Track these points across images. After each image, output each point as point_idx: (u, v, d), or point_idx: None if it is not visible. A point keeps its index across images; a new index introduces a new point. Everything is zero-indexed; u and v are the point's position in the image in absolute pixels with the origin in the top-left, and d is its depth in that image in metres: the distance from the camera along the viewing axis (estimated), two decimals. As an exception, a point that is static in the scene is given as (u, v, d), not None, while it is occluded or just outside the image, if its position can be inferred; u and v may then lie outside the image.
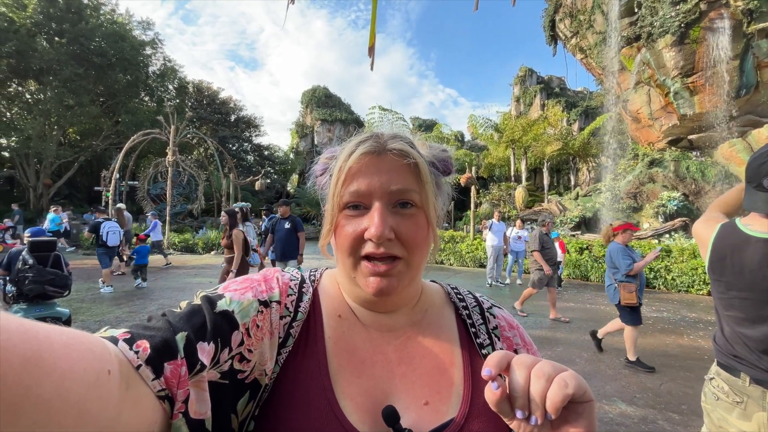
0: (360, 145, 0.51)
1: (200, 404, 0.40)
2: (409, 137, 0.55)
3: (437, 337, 0.57)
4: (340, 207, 0.51)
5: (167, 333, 0.40)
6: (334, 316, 0.55)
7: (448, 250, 12.45)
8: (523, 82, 31.68)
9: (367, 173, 0.50)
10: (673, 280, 8.94)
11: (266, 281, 0.54)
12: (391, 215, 0.50)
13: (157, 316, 0.44)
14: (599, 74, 18.54)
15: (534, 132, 20.89)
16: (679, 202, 13.60)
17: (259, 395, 0.47)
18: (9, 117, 21.47)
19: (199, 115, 30.71)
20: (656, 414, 3.20)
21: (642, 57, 14.57)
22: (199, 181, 16.86)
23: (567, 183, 25.98)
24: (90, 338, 0.32)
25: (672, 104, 14.28)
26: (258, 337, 0.48)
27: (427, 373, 0.53)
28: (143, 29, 25.96)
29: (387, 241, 0.49)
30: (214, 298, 0.48)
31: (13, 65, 19.62)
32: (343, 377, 0.50)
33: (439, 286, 0.66)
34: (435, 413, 0.49)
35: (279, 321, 0.51)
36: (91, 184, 23.14)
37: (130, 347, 0.36)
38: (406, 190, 0.50)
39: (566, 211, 17.33)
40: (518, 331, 0.62)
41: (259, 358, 0.47)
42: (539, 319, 6.17)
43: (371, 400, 0.49)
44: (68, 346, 0.28)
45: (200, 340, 0.42)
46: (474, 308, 0.62)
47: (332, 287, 0.59)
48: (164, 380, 0.37)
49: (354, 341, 0.54)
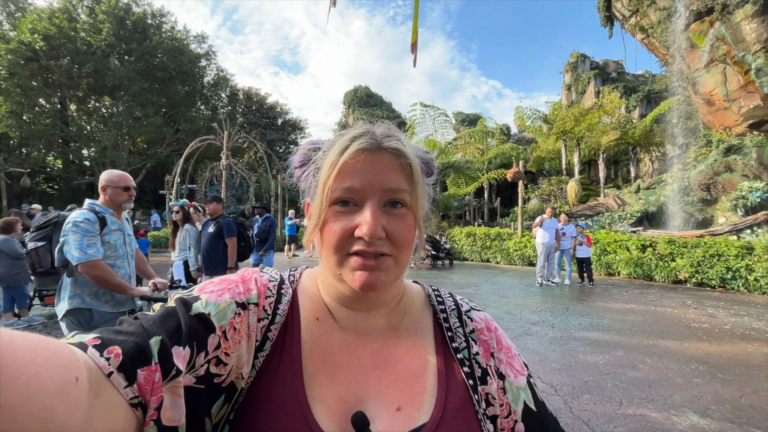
0: (355, 140, 0.50)
1: (174, 410, 0.39)
2: (401, 135, 0.54)
3: (414, 341, 0.56)
4: (330, 202, 0.49)
5: (140, 338, 0.39)
6: (312, 318, 0.55)
7: (495, 247, 12.06)
8: (575, 69, 29.78)
9: (361, 170, 0.49)
10: (756, 281, 7.95)
11: (244, 282, 0.53)
12: (383, 214, 0.49)
13: (129, 319, 0.43)
14: (663, 55, 16.92)
15: (588, 121, 19.52)
16: (763, 193, 12.07)
17: (234, 398, 0.46)
18: (89, 130, 24.21)
19: (249, 120, 32.54)
20: (736, 429, 2.86)
21: (716, 32, 13.05)
22: (249, 183, 17.84)
23: (626, 175, 24.07)
24: (56, 344, 0.31)
25: (753, 83, 12.66)
26: (235, 340, 0.47)
27: (401, 378, 0.52)
28: (198, 43, 28.03)
29: (378, 239, 0.48)
30: (190, 300, 0.47)
31: (92, 84, 22.10)
32: (318, 381, 0.49)
33: (420, 287, 0.65)
34: (407, 419, 0.49)
35: (257, 324, 0.50)
36: (156, 188, 25.42)
37: (101, 354, 0.36)
38: (399, 190, 0.50)
39: (626, 206, 16.05)
40: (495, 334, 0.60)
41: (236, 362, 0.47)
42: (595, 320, 5.78)
43: (344, 405, 0.48)
44: (33, 352, 0.27)
45: (175, 345, 0.41)
46: (452, 311, 0.61)
47: (311, 288, 0.58)
48: (137, 387, 0.36)
49: (330, 345, 0.53)
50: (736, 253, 8.17)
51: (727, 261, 8.23)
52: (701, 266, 8.52)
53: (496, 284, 8.69)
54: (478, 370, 0.55)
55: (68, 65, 20.86)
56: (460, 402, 0.51)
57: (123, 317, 0.44)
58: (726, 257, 8.27)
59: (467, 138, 23.89)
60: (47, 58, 20.67)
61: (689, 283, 8.68)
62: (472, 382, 0.53)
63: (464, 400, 0.51)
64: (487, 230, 12.64)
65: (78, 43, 21.58)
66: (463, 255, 12.68)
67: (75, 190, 26.36)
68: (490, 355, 0.57)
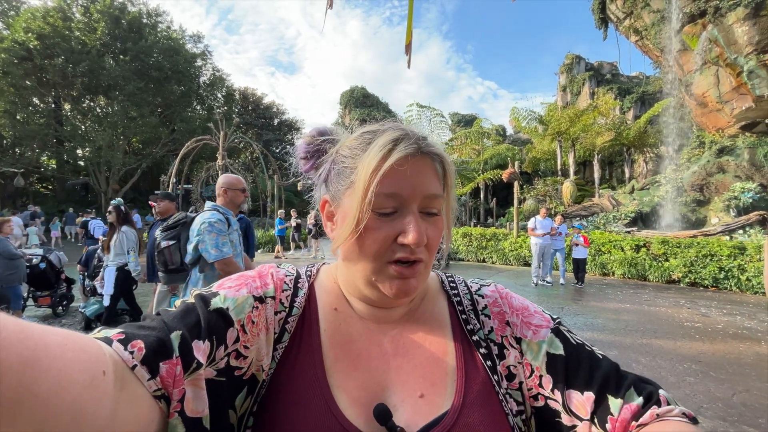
0: (398, 144, 0.48)
1: (197, 402, 0.40)
2: (435, 138, 0.54)
3: (431, 326, 0.57)
4: (371, 208, 0.47)
5: (162, 332, 0.41)
6: (330, 309, 0.55)
7: (491, 247, 12.10)
8: (570, 70, 29.97)
9: (404, 176, 0.47)
10: (748, 280, 8.03)
11: (261, 277, 0.55)
12: (423, 220, 0.49)
13: (151, 315, 0.45)
14: (657, 57, 17.09)
15: (583, 122, 19.63)
16: (755, 194, 12.19)
17: (256, 391, 0.48)
18: (84, 130, 24.00)
19: (245, 120, 32.40)
20: (728, 427, 2.90)
21: (708, 34, 13.20)
22: (245, 184, 17.76)
23: (620, 176, 24.24)
24: (84, 339, 0.32)
25: (746, 85, 12.81)
26: (254, 333, 0.48)
27: (421, 364, 0.52)
28: (194, 42, 27.88)
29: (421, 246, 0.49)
30: (208, 296, 0.49)
31: (86, 83, 21.92)
32: (339, 371, 0.50)
33: (434, 274, 0.65)
34: (430, 405, 0.49)
35: (274, 316, 0.51)
36: (152, 189, 25.19)
37: (125, 348, 0.37)
38: (436, 196, 0.50)
39: (620, 206, 16.17)
40: (507, 300, 0.60)
41: (256, 354, 0.48)
42: (590, 320, 5.83)
43: (367, 394, 0.49)
44: (63, 347, 0.28)
45: (195, 339, 0.42)
46: (465, 295, 0.61)
47: (329, 282, 0.59)
48: (160, 380, 0.37)
49: (350, 333, 0.54)
50: (728, 253, 8.26)
51: (720, 261, 8.32)
52: (694, 266, 8.60)
53: (493, 284, 8.71)
54: (494, 348, 0.55)
55: (63, 64, 20.67)
56: (481, 385, 0.51)
57: (146, 313, 0.46)
58: (719, 257, 8.35)
59: (463, 139, 24.00)
60: (41, 57, 20.48)
61: (682, 283, 8.76)
62: (490, 363, 0.53)
63: (485, 383, 0.52)
64: (483, 230, 12.67)
65: (72, 43, 21.40)
66: (459, 255, 12.72)
67: (69, 190, 26.12)
68: (506, 324, 0.57)
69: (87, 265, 5.29)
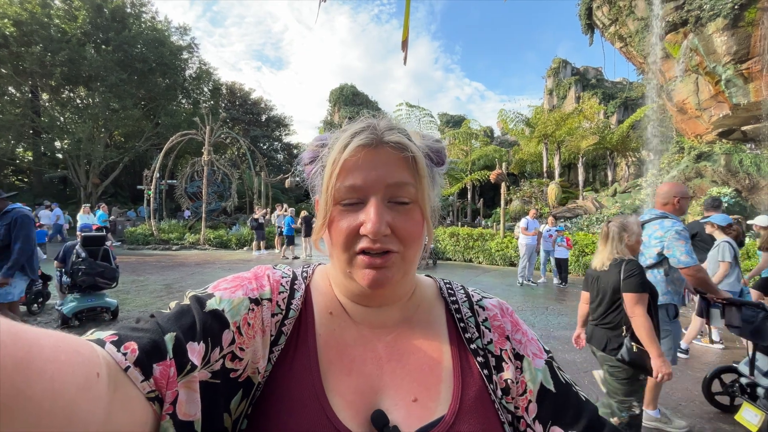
0: (355, 136, 0.49)
1: (189, 405, 0.40)
2: (404, 127, 0.53)
3: (427, 332, 0.56)
4: (334, 201, 0.49)
5: (155, 334, 0.40)
6: (325, 313, 0.55)
7: (477, 248, 12.22)
8: (557, 74, 30.52)
9: (362, 167, 0.48)
10: (722, 282, 8.33)
11: (257, 279, 0.54)
12: (387, 210, 0.49)
13: (145, 317, 0.44)
14: (640, 63, 17.51)
15: (568, 126, 20.03)
16: (730, 198, 12.64)
17: (252, 393, 0.47)
18: (62, 121, 23.17)
19: (232, 115, 31.86)
20: (704, 424, 3.00)
21: (689, 43, 13.61)
22: (232, 180, 17.49)
23: (604, 179, 24.83)
24: (77, 341, 0.31)
25: (723, 93, 13.26)
26: (249, 335, 0.48)
27: (416, 370, 0.52)
28: (180, 34, 27.18)
29: (383, 236, 0.48)
30: (204, 297, 0.48)
31: (66, 73, 21.13)
32: (334, 375, 0.50)
33: (432, 280, 0.65)
34: (423, 410, 0.49)
35: (270, 319, 0.51)
36: (134, 183, 24.59)
37: (118, 349, 0.36)
38: (403, 184, 0.49)
39: (603, 209, 16.53)
40: (511, 318, 0.60)
41: (252, 357, 0.47)
42: (574, 319, 5.93)
43: (361, 398, 0.49)
44: (57, 349, 0.28)
45: (190, 341, 0.42)
46: (464, 303, 0.61)
47: (324, 283, 0.59)
48: (153, 381, 0.37)
49: (344, 338, 0.54)
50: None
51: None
52: (673, 268, 8.86)
53: (479, 284, 8.80)
54: (492, 359, 0.55)
55: (41, 53, 19.86)
56: (477, 392, 0.51)
57: (140, 315, 0.45)
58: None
59: (452, 139, 24.14)
60: (18, 44, 19.64)
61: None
62: (486, 372, 0.53)
63: (480, 391, 0.52)
64: (470, 230, 12.79)
65: (52, 30, 20.59)
66: (447, 255, 12.81)
67: (46, 183, 25.23)
68: (506, 339, 0.57)
69: (65, 261, 5.12)
